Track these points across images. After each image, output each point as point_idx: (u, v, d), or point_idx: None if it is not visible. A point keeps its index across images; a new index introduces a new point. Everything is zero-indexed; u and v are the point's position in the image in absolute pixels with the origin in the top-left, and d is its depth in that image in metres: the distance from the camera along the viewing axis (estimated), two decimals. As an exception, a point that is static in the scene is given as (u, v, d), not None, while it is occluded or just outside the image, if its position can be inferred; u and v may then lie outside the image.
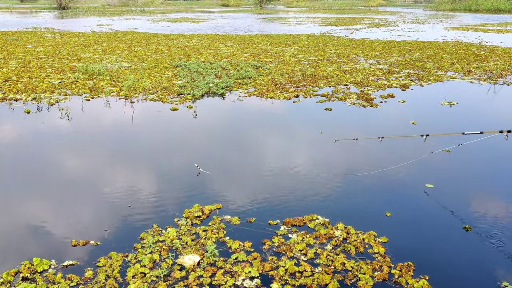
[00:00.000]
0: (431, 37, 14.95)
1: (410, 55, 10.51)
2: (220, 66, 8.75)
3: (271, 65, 9.04)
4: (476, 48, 11.86)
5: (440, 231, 2.94)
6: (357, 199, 3.40)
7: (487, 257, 2.64)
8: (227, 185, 3.65)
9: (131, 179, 3.80)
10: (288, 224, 3.03)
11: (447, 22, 23.08)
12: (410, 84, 7.34)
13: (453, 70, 8.56)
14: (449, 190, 3.51)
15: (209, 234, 2.92)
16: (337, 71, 8.38)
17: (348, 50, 11.50)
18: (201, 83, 7.12)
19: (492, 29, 18.00)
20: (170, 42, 13.33)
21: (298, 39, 14.33)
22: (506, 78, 7.85)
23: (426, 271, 2.49)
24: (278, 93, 6.68)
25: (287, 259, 2.63)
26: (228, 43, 13.23)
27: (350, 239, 2.83)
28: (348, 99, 6.35)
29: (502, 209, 3.21)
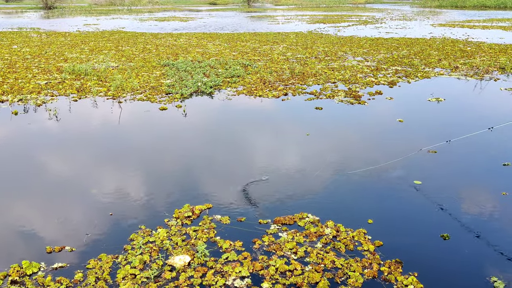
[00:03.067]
0: (418, 33, 15.04)
1: (397, 52, 10.57)
2: (208, 65, 8.73)
3: (260, 63, 9.03)
4: (463, 44, 11.96)
5: (428, 227, 2.97)
6: (347, 197, 3.42)
7: (475, 252, 2.67)
8: (217, 185, 3.65)
9: (120, 180, 3.78)
10: (278, 222, 3.03)
11: (434, 18, 23.25)
12: (397, 81, 7.39)
13: (440, 67, 8.63)
14: (437, 187, 3.54)
15: (200, 234, 2.91)
16: (325, 69, 8.40)
17: (336, 47, 11.54)
18: (190, 82, 7.10)
19: (478, 25, 18.16)
20: (158, 41, 13.27)
21: (287, 37, 14.34)
22: (492, 74, 7.93)
23: (415, 267, 2.51)
24: (267, 92, 6.68)
25: (277, 258, 2.64)
26: (216, 41, 13.20)
27: (340, 236, 2.85)
28: (336, 96, 6.38)
29: (490, 204, 3.25)
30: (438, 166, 3.96)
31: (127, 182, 3.74)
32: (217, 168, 4.01)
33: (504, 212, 3.13)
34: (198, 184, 3.69)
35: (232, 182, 3.68)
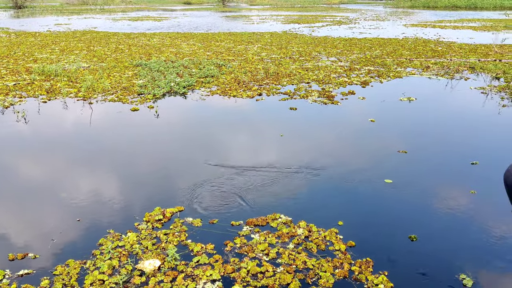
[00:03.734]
0: (391, 34, 15.24)
1: (370, 52, 10.68)
2: (182, 65, 8.65)
3: (234, 64, 9.00)
4: (434, 44, 12.17)
5: (398, 226, 2.99)
6: (319, 196, 3.42)
7: (444, 251, 2.70)
8: (190, 186, 3.60)
9: (90, 183, 3.70)
10: (250, 224, 3.01)
11: (406, 19, 23.60)
12: (370, 80, 7.46)
13: (412, 66, 8.75)
14: (407, 185, 3.58)
15: (171, 238, 2.87)
16: (300, 69, 8.43)
17: (310, 48, 11.59)
18: (162, 82, 7.02)
19: (449, 26, 18.51)
20: (131, 41, 13.09)
21: (261, 37, 14.34)
22: (462, 73, 8.08)
23: (385, 266, 2.52)
24: (241, 92, 6.66)
25: (249, 260, 2.62)
26: (190, 41, 13.10)
27: (312, 237, 2.84)
28: (310, 96, 6.40)
29: (459, 203, 3.29)
30: (409, 165, 4.00)
31: (97, 185, 3.66)
32: (189, 170, 3.97)
33: (473, 210, 3.18)
34: (170, 186, 3.64)
35: (205, 184, 3.64)
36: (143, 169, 4.00)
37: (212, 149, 4.48)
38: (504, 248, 2.69)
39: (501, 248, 2.69)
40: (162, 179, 3.77)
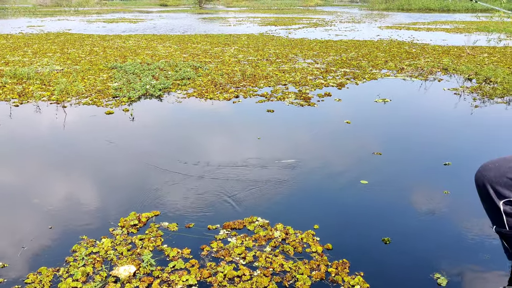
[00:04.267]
0: (366, 36, 15.42)
1: (346, 54, 10.79)
2: (157, 67, 8.58)
3: (211, 66, 8.97)
4: (408, 46, 12.36)
5: (373, 226, 3.01)
6: (296, 198, 3.42)
7: (419, 250, 2.73)
8: (166, 190, 3.56)
9: (63, 188, 3.63)
10: (227, 227, 2.99)
11: (381, 21, 23.92)
12: (346, 82, 7.52)
13: (387, 68, 8.87)
14: (382, 186, 3.61)
15: (146, 243, 2.83)
16: (276, 71, 8.45)
17: (287, 50, 11.64)
18: (138, 85, 6.94)
19: (423, 28, 18.83)
20: (106, 43, 12.93)
21: (238, 39, 14.34)
22: (436, 75, 8.22)
23: (361, 267, 2.53)
24: (218, 94, 6.64)
25: (225, 264, 2.59)
26: (167, 43, 13.01)
27: (289, 239, 2.84)
28: (287, 98, 6.41)
29: (433, 203, 3.34)
30: (383, 166, 4.04)
31: (71, 191, 3.59)
32: (165, 173, 3.92)
33: (446, 210, 3.22)
34: (146, 190, 3.59)
35: (181, 188, 3.60)
36: (118, 173, 3.94)
37: (188, 152, 4.44)
38: (477, 246, 2.74)
39: (474, 247, 2.74)
40: (137, 183, 3.72)
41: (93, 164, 4.15)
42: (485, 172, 1.74)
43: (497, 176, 1.69)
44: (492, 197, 1.71)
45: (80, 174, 3.94)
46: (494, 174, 1.70)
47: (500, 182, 1.68)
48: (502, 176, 1.68)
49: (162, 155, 4.38)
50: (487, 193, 1.73)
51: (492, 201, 1.72)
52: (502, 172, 1.68)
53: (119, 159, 4.28)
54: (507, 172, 1.68)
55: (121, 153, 4.43)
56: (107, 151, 4.47)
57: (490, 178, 1.71)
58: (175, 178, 3.80)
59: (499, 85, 7.12)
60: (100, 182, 3.77)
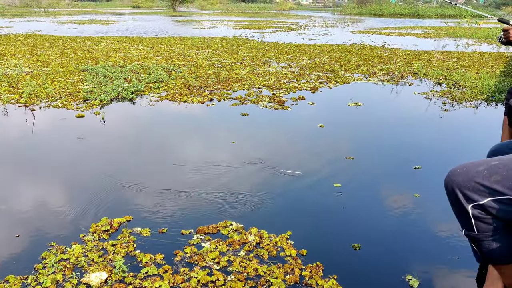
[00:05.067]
0: (339, 40, 15.61)
1: (319, 58, 10.88)
2: (130, 70, 8.47)
3: (184, 69, 8.92)
4: (380, 50, 12.57)
5: (346, 229, 3.03)
6: (270, 202, 3.42)
7: (391, 252, 2.76)
8: (138, 195, 3.51)
9: (32, 194, 3.53)
10: (201, 232, 2.96)
11: (353, 25, 24.25)
12: (319, 86, 7.59)
13: (359, 72, 8.99)
14: (355, 189, 3.65)
15: (118, 249, 2.78)
16: (251, 74, 8.46)
17: (261, 53, 11.67)
18: (110, 87, 6.83)
19: (394, 33, 19.18)
20: (77, 45, 12.70)
21: (212, 41, 14.30)
22: (407, 79, 8.38)
23: (334, 270, 2.55)
24: (191, 97, 6.60)
25: (199, 269, 2.57)
26: (139, 45, 12.87)
27: (263, 243, 2.83)
28: (261, 102, 6.42)
29: (404, 206, 3.39)
30: (355, 170, 4.08)
31: (40, 197, 3.50)
32: (138, 177, 3.87)
33: (417, 213, 3.28)
34: (118, 195, 3.53)
35: (154, 192, 3.56)
36: (89, 178, 3.86)
37: (161, 156, 4.39)
38: (447, 248, 2.79)
39: (445, 249, 2.79)
40: (109, 188, 3.66)
41: (63, 169, 4.06)
42: (454, 177, 1.77)
43: (465, 181, 1.72)
44: (461, 201, 1.74)
45: (49, 179, 3.84)
46: (463, 178, 1.73)
47: (468, 187, 1.72)
48: (470, 180, 1.71)
49: (134, 159, 4.32)
50: (456, 198, 1.76)
51: (461, 205, 1.75)
52: (470, 176, 1.72)
53: (90, 163, 4.20)
54: (475, 176, 1.71)
55: (92, 157, 4.35)
56: (77, 155, 4.38)
57: (458, 182, 1.74)
58: (148, 183, 3.75)
59: (468, 89, 7.30)
60: (70, 187, 3.69)
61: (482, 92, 7.06)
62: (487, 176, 1.68)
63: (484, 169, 1.70)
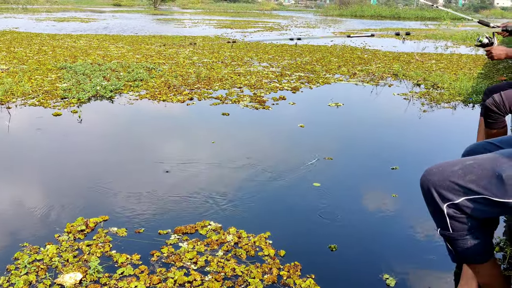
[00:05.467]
0: (321, 41, 15.68)
1: (301, 58, 10.92)
2: (109, 68, 8.36)
3: (165, 67, 8.84)
4: (361, 52, 12.66)
5: (325, 229, 3.04)
6: (249, 201, 3.40)
7: (369, 252, 2.77)
8: (115, 195, 3.46)
9: (5, 193, 3.45)
10: (179, 232, 2.93)
11: (335, 27, 24.40)
12: (300, 86, 7.60)
13: (340, 73, 9.04)
14: (334, 189, 3.66)
15: (94, 249, 2.73)
16: (232, 74, 8.43)
17: (242, 53, 11.65)
18: (88, 85, 6.73)
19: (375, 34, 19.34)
20: (55, 43, 12.50)
21: (193, 40, 14.22)
22: (387, 80, 8.45)
23: (312, 270, 2.54)
24: (171, 96, 6.54)
25: (176, 269, 2.54)
26: (119, 43, 12.73)
27: (241, 243, 2.82)
28: (242, 101, 6.40)
29: (382, 205, 3.41)
30: (335, 171, 4.09)
31: (15, 196, 3.42)
32: (114, 177, 3.82)
33: (395, 213, 3.30)
34: (94, 194, 3.47)
35: (131, 192, 3.51)
36: (65, 177, 3.79)
37: (139, 156, 4.34)
38: (424, 247, 2.82)
39: (422, 248, 2.82)
40: (85, 187, 3.59)
41: (38, 168, 3.98)
42: (429, 176, 1.78)
43: (440, 180, 1.73)
44: (436, 201, 1.75)
45: (24, 178, 3.76)
46: (438, 178, 1.74)
47: (443, 186, 1.73)
48: (445, 179, 1.72)
49: (111, 158, 4.26)
50: (431, 197, 1.77)
51: (436, 204, 1.76)
52: (446, 176, 1.73)
53: (66, 162, 4.12)
54: (450, 176, 1.72)
55: (68, 155, 4.27)
56: (53, 154, 4.30)
57: (434, 182, 1.75)
58: (125, 182, 3.70)
59: (446, 91, 7.40)
60: (46, 187, 3.62)
61: (459, 94, 7.16)
62: (462, 176, 1.69)
63: (459, 169, 1.71)
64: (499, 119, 3.38)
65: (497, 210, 1.70)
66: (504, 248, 2.79)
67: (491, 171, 1.65)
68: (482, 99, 3.58)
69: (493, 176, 1.64)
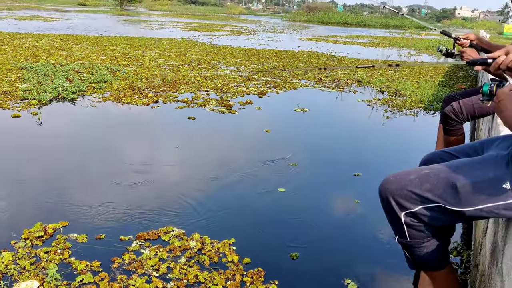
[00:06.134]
0: (288, 46, 15.81)
1: (268, 63, 10.97)
2: (72, 69, 8.17)
3: (130, 69, 8.71)
4: (327, 58, 12.84)
5: (288, 234, 3.05)
6: (214, 207, 3.38)
7: (331, 258, 2.81)
8: (75, 200, 3.37)
9: (-42, 198, 3.31)
10: (141, 238, 2.88)
11: (302, 32, 24.67)
12: (267, 91, 7.64)
13: (306, 79, 9.13)
14: (298, 196, 3.68)
15: (52, 256, 2.65)
16: (198, 77, 8.39)
17: (209, 56, 11.61)
18: (49, 87, 6.55)
19: (340, 41, 19.68)
20: (16, 42, 12.13)
21: (160, 43, 14.09)
22: (351, 87, 8.60)
23: (275, 276, 2.55)
24: (136, 98, 6.45)
25: (137, 276, 2.50)
26: (83, 44, 12.47)
27: (205, 249, 2.80)
28: (208, 105, 6.38)
29: (345, 211, 3.46)
30: (300, 176, 4.11)
31: (-33, 200, 3.29)
32: (75, 181, 3.72)
33: (357, 218, 3.35)
34: (53, 199, 3.38)
35: (92, 197, 3.43)
36: (23, 181, 3.67)
37: (101, 159, 4.25)
38: (385, 252, 2.88)
39: (383, 252, 2.87)
40: (44, 192, 3.49)
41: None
42: (387, 185, 1.82)
43: (398, 189, 1.77)
44: (394, 209, 1.79)
45: (-20, 182, 3.62)
46: (396, 186, 1.78)
47: (401, 195, 1.76)
48: (402, 188, 1.76)
49: (72, 162, 4.15)
50: (389, 205, 1.80)
51: (394, 212, 1.80)
52: (403, 184, 1.77)
53: (24, 165, 3.99)
54: (407, 184, 1.76)
55: (26, 159, 4.14)
56: (10, 157, 4.16)
57: (392, 190, 1.79)
58: (86, 187, 3.62)
59: (408, 98, 7.59)
60: (2, 191, 3.49)
61: (421, 101, 7.36)
62: (418, 185, 1.74)
63: (416, 178, 1.75)
64: (457, 126, 3.49)
65: (452, 218, 1.75)
66: (461, 252, 2.87)
67: (446, 181, 1.70)
68: (442, 107, 3.68)
69: (448, 185, 1.69)
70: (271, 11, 61.64)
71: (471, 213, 1.68)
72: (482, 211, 1.66)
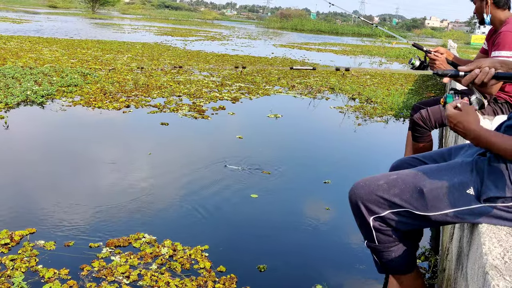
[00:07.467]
0: (262, 52, 15.90)
1: (242, 69, 10.99)
2: (41, 72, 8.01)
3: (101, 73, 8.59)
4: (300, 65, 12.95)
5: (260, 241, 3.06)
6: (186, 214, 3.36)
7: (303, 264, 2.82)
8: (43, 206, 3.30)
9: None
10: (111, 245, 2.84)
11: (276, 39, 24.84)
12: (240, 97, 7.65)
13: (279, 85, 9.20)
14: (270, 202, 3.69)
15: (18, 264, 2.58)
16: (171, 82, 8.34)
17: (183, 61, 11.56)
18: (17, 90, 6.40)
19: (313, 48, 19.90)
20: (-17, 43, 11.82)
21: (132, 47, 13.95)
22: (324, 93, 8.70)
23: (248, 282, 2.55)
24: (107, 103, 6.36)
25: (107, 284, 2.45)
26: (53, 47, 12.24)
27: (176, 256, 2.77)
28: (180, 110, 6.34)
29: (316, 218, 3.48)
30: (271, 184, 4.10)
31: None
32: (43, 187, 3.64)
33: (328, 225, 3.38)
34: (20, 206, 3.29)
35: (61, 203, 3.36)
36: (-11, 187, 3.57)
37: (70, 165, 4.17)
38: (355, 257, 2.92)
39: (353, 258, 2.91)
40: (10, 198, 3.40)
41: (-41, 177, 3.72)
42: (356, 190, 1.85)
43: (367, 194, 1.80)
44: (363, 214, 1.82)
45: None
46: (365, 191, 1.81)
47: (370, 200, 1.80)
48: (371, 193, 1.80)
49: (40, 166, 4.06)
50: (358, 210, 1.83)
51: (363, 217, 1.83)
52: (372, 189, 1.80)
53: (-9, 171, 3.89)
54: (376, 190, 1.79)
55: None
56: (-23, 162, 4.04)
57: (361, 195, 1.82)
58: (55, 192, 3.54)
59: (379, 105, 7.72)
60: (-33, 197, 3.39)
61: (391, 108, 7.50)
62: (386, 190, 1.78)
63: (384, 183, 1.79)
64: (425, 133, 3.57)
65: (419, 223, 1.79)
66: (429, 257, 2.94)
67: (413, 186, 1.75)
68: (410, 114, 3.77)
69: (415, 190, 1.73)
70: (245, 17, 61.93)
71: (437, 218, 1.73)
72: (447, 216, 1.70)
